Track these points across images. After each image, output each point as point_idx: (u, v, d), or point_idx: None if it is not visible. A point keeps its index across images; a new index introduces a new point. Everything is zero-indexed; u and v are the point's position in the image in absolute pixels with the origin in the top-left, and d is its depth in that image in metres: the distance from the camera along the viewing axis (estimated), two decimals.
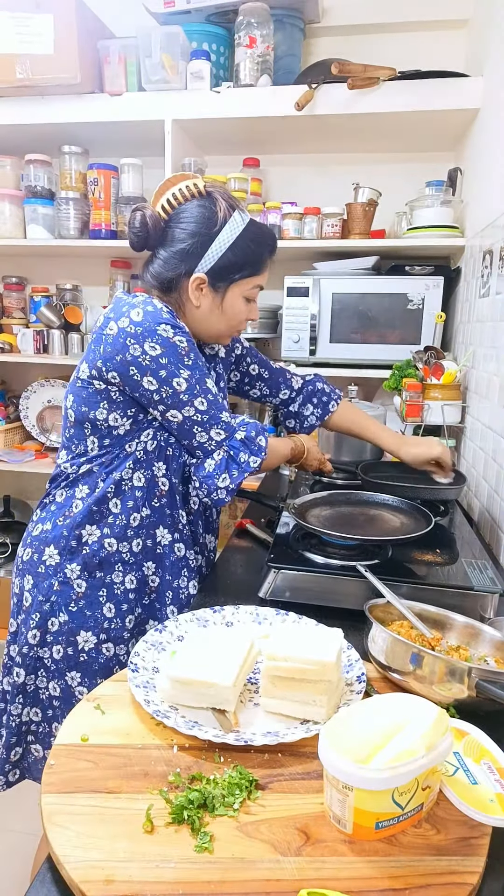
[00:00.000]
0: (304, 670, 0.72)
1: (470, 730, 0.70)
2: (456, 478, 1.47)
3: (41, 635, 1.13)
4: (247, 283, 1.14)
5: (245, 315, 1.17)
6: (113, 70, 2.02)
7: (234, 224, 1.10)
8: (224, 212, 1.09)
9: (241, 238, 1.10)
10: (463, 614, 0.87)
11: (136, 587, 1.16)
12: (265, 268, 1.16)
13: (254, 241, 1.11)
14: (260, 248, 1.13)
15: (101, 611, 1.13)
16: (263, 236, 1.14)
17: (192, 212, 1.09)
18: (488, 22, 1.79)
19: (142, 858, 0.55)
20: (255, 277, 1.14)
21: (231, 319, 1.15)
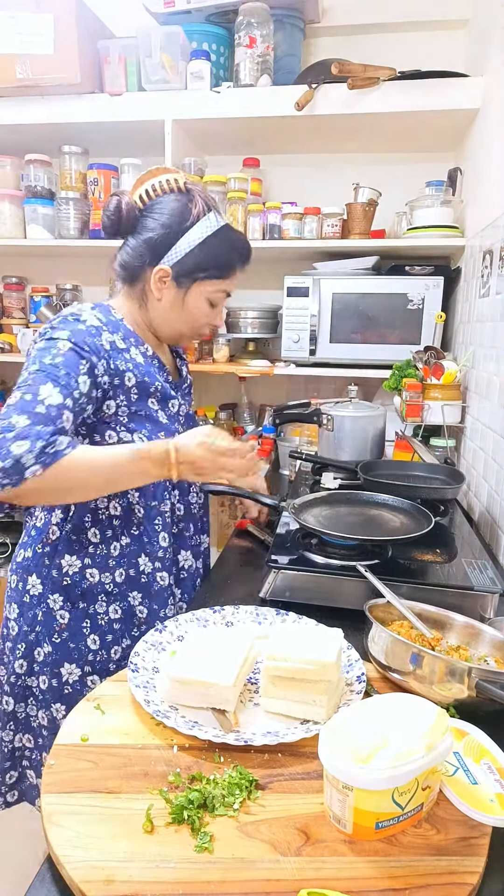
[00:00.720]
0: (304, 670, 0.72)
1: (470, 730, 0.70)
2: (455, 477, 1.47)
3: (28, 665, 1.12)
4: (212, 286, 1.12)
5: (207, 318, 1.15)
6: (113, 70, 2.02)
7: (207, 223, 1.09)
8: (199, 209, 1.08)
9: (213, 238, 1.09)
10: (463, 614, 0.87)
11: (121, 617, 1.13)
12: (233, 274, 1.14)
13: (225, 244, 1.11)
14: (230, 254, 1.12)
15: (85, 642, 1.11)
16: (236, 243, 1.13)
17: (167, 205, 1.09)
18: (488, 22, 1.79)
19: (142, 858, 0.55)
20: (221, 281, 1.13)
21: (192, 320, 1.14)
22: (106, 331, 1.05)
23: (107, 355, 1.03)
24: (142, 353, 1.12)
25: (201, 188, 1.13)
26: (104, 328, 1.06)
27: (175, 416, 1.18)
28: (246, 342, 2.34)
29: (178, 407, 1.19)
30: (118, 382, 1.05)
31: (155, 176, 1.10)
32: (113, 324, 1.09)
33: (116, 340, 1.07)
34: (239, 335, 2.27)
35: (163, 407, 1.14)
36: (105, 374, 1.02)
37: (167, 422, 1.14)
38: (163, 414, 1.14)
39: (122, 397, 1.06)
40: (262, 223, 2.08)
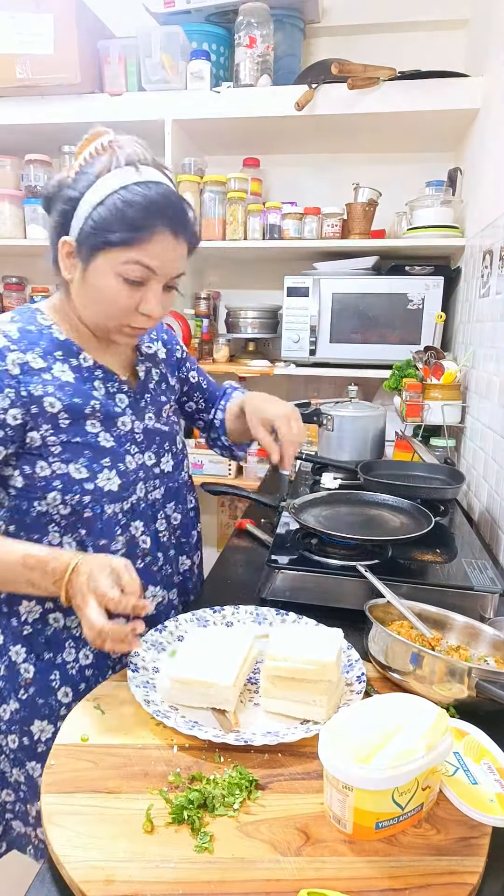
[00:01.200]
0: (304, 670, 0.72)
1: (470, 730, 0.70)
2: (454, 476, 1.47)
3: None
4: (118, 255, 0.85)
5: (124, 301, 0.88)
6: (113, 70, 2.02)
7: (112, 177, 0.85)
8: (104, 164, 0.86)
9: (114, 197, 0.84)
10: (463, 614, 0.87)
11: (92, 662, 0.99)
12: (148, 240, 0.85)
13: (132, 202, 0.84)
14: (141, 213, 0.84)
15: (56, 697, 0.98)
16: (150, 199, 0.84)
17: (83, 171, 0.89)
18: (488, 22, 1.79)
19: (142, 858, 0.55)
20: (131, 249, 0.85)
21: (104, 303, 0.89)
22: (15, 350, 0.89)
23: (14, 383, 0.87)
24: (73, 368, 0.94)
25: (135, 142, 0.90)
26: (12, 348, 0.89)
27: (127, 435, 0.98)
28: (246, 342, 2.35)
29: (132, 424, 0.99)
30: (36, 411, 0.89)
31: (90, 143, 0.90)
32: (32, 337, 0.92)
33: (31, 360, 0.90)
34: (239, 335, 2.27)
35: (107, 427, 0.96)
36: (13, 406, 0.87)
37: (113, 445, 0.96)
38: (107, 436, 0.95)
39: (46, 427, 0.90)
40: (262, 223, 2.08)
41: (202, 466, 2.28)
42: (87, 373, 0.95)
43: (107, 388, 0.98)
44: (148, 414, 1.04)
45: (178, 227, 0.87)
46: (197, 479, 1.29)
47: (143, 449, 1.01)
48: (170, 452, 1.07)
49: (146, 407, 1.04)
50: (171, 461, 1.07)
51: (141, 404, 1.03)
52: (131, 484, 0.98)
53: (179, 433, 1.13)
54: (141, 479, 1.00)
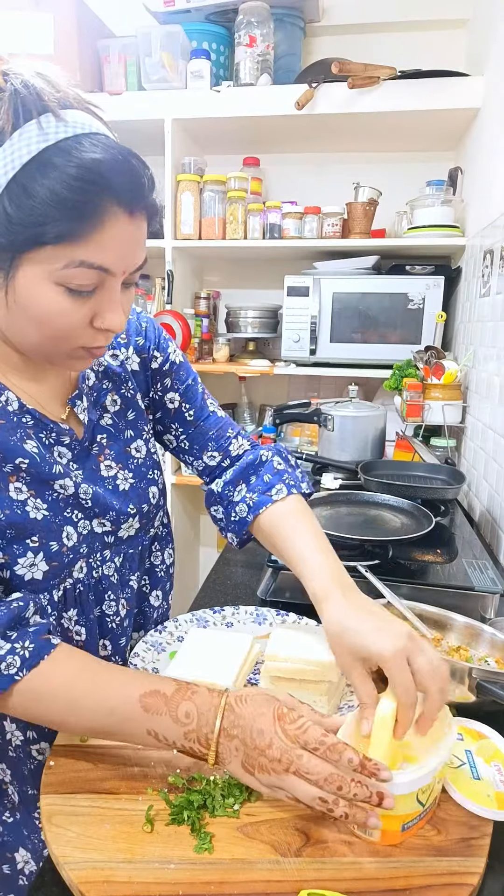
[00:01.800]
0: (305, 671, 0.72)
1: (489, 734, 0.70)
2: (455, 477, 1.47)
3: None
4: (53, 256, 0.57)
5: (76, 318, 0.61)
6: (113, 69, 2.02)
7: (19, 142, 0.55)
8: (3, 119, 0.55)
9: (35, 168, 0.55)
10: (463, 615, 0.87)
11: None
12: (97, 228, 0.57)
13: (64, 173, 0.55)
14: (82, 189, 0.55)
15: (39, 834, 0.79)
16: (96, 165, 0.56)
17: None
18: (488, 22, 1.79)
19: (142, 859, 0.54)
20: (72, 246, 0.57)
21: (42, 325, 0.61)
22: None
23: None
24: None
25: (39, 73, 0.60)
26: None
27: (69, 500, 0.72)
28: (246, 342, 2.34)
29: (76, 488, 0.72)
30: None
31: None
32: None
33: None
34: (239, 335, 2.27)
35: (39, 492, 0.69)
36: None
37: (47, 515, 0.70)
38: (37, 503, 0.69)
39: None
40: (262, 223, 2.08)
41: None
42: (14, 418, 0.68)
43: (40, 439, 0.70)
44: (106, 463, 0.77)
45: (133, 199, 0.59)
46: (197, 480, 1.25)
47: (93, 515, 0.75)
48: (137, 515, 0.79)
49: (101, 454, 0.77)
50: (135, 524, 0.80)
51: (93, 452, 0.76)
52: (67, 566, 0.72)
53: (158, 478, 0.85)
54: (82, 556, 0.75)
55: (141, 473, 0.81)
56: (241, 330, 2.25)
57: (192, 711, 0.59)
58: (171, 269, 2.10)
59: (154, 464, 0.84)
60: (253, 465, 0.87)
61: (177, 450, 0.90)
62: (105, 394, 0.79)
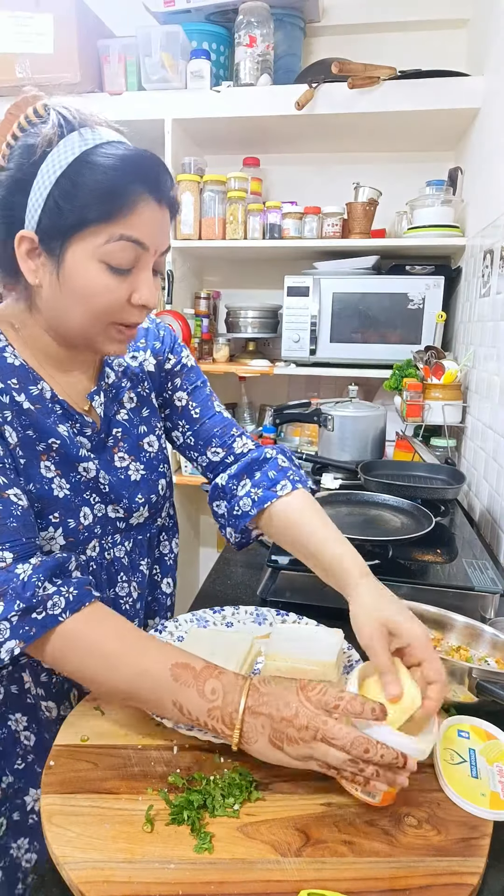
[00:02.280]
0: (305, 670, 0.72)
1: (499, 735, 0.69)
2: (454, 477, 1.47)
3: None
4: (97, 235, 0.68)
5: (115, 294, 0.70)
6: (113, 69, 2.02)
7: (65, 146, 0.68)
8: (53, 132, 0.68)
9: (78, 166, 0.67)
10: (463, 615, 0.87)
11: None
12: (132, 208, 0.68)
13: (103, 167, 0.67)
14: (118, 178, 0.67)
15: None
16: (128, 160, 0.68)
17: (19, 144, 0.70)
18: (488, 22, 1.79)
19: (142, 859, 0.55)
20: (113, 224, 0.68)
21: (86, 300, 0.70)
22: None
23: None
24: (33, 399, 0.76)
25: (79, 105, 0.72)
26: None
27: (89, 483, 0.80)
28: (246, 342, 2.34)
29: (97, 472, 0.81)
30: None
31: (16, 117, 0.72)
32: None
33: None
34: (239, 335, 2.27)
35: (65, 472, 0.77)
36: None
37: (68, 494, 0.77)
38: (62, 483, 0.77)
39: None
40: (262, 222, 2.08)
41: None
42: (48, 405, 0.77)
43: (67, 426, 0.79)
44: (119, 455, 0.84)
45: (160, 191, 0.70)
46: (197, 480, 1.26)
47: (108, 501, 0.83)
48: (146, 504, 0.87)
49: (116, 446, 0.84)
50: (145, 513, 0.87)
51: (108, 444, 0.84)
52: (81, 544, 0.80)
53: (166, 472, 0.91)
54: (96, 536, 0.82)
55: (152, 466, 0.87)
56: (241, 330, 2.25)
57: (218, 689, 0.62)
58: (171, 269, 2.10)
59: (164, 458, 0.91)
60: (257, 461, 0.91)
61: (183, 446, 0.96)
62: (123, 391, 0.87)
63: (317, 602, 1.02)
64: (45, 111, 0.70)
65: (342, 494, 1.31)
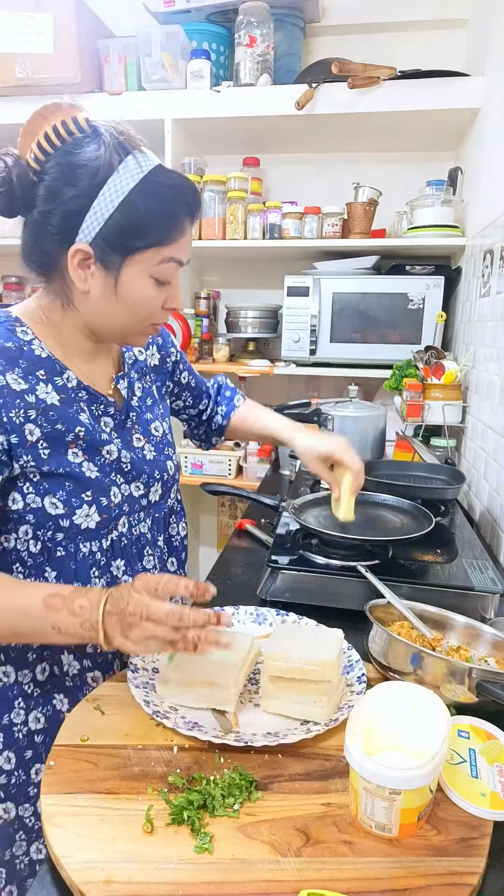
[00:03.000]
0: (305, 670, 0.72)
1: (499, 735, 0.70)
2: (454, 477, 1.47)
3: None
4: (152, 257, 0.79)
5: (157, 302, 0.83)
6: (113, 69, 2.02)
7: (126, 172, 0.76)
8: (111, 153, 0.76)
9: (139, 192, 0.76)
10: (463, 615, 0.87)
11: (44, 727, 0.89)
12: (180, 234, 0.80)
13: (158, 195, 0.77)
14: (170, 207, 0.78)
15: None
16: (175, 189, 0.79)
17: (69, 157, 0.76)
18: (488, 22, 1.79)
19: (142, 859, 0.55)
20: (165, 248, 0.79)
21: (136, 309, 0.82)
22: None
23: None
24: (58, 388, 0.84)
25: (116, 124, 0.80)
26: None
27: (113, 465, 0.89)
28: (246, 342, 2.35)
29: (119, 452, 0.89)
30: (17, 440, 0.79)
31: (47, 120, 0.78)
32: (10, 354, 0.80)
33: (11, 381, 0.79)
34: (239, 335, 2.27)
35: (91, 456, 0.86)
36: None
37: (99, 475, 0.86)
38: (90, 466, 0.85)
39: (27, 456, 0.80)
40: (262, 223, 2.08)
41: (202, 466, 2.28)
42: (72, 394, 0.85)
43: (91, 410, 0.88)
44: (136, 436, 0.95)
45: (195, 211, 0.82)
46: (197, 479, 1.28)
47: (130, 479, 0.91)
48: (160, 481, 0.96)
49: (133, 428, 0.95)
50: (159, 490, 0.97)
51: (127, 425, 0.94)
52: (114, 520, 0.88)
53: (172, 455, 1.02)
54: (125, 514, 0.90)
55: (160, 449, 0.98)
56: (241, 330, 2.25)
57: (85, 605, 0.71)
58: None
59: (169, 444, 1.02)
60: (219, 389, 1.25)
61: (182, 408, 1.19)
62: (134, 381, 0.98)
63: (317, 602, 1.02)
64: (89, 126, 0.78)
65: None
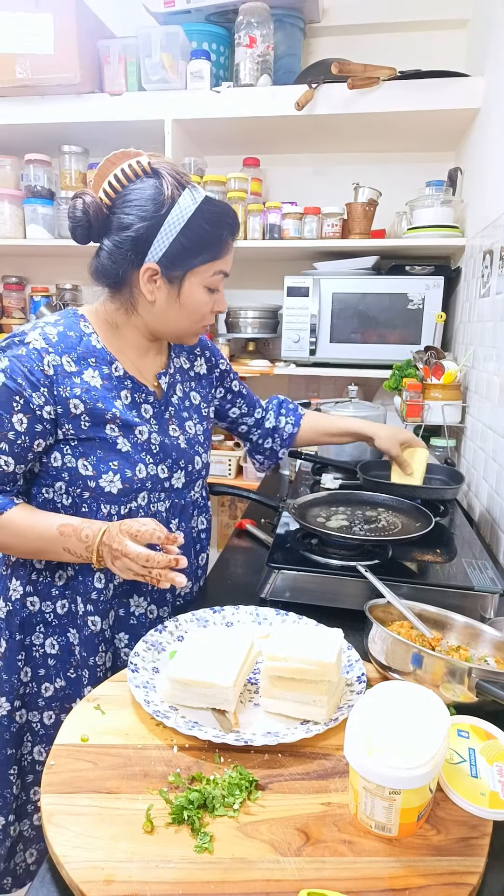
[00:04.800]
0: (305, 670, 0.72)
1: (498, 734, 0.69)
2: (454, 477, 1.47)
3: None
4: (206, 270, 1.00)
5: (209, 307, 1.04)
6: (113, 70, 2.02)
7: (184, 203, 0.96)
8: (172, 189, 0.96)
9: (195, 219, 0.97)
10: (463, 614, 0.87)
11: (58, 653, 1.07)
12: (226, 251, 1.02)
13: (209, 221, 0.98)
14: (218, 229, 0.99)
15: (18, 676, 1.06)
16: (221, 215, 1.00)
17: (136, 193, 0.97)
18: (488, 22, 1.79)
19: (142, 858, 0.55)
20: (216, 262, 1.01)
21: (193, 313, 1.03)
22: (52, 353, 0.96)
23: (47, 382, 0.95)
24: (103, 375, 1.01)
25: (169, 164, 1.00)
26: (49, 350, 0.96)
27: (143, 444, 1.04)
28: (246, 342, 2.34)
29: (149, 435, 1.05)
30: (62, 411, 0.97)
31: (115, 164, 0.99)
32: (70, 341, 0.99)
33: (65, 362, 0.97)
34: (239, 335, 2.27)
35: (126, 434, 1.02)
36: (47, 403, 0.96)
37: (129, 450, 1.01)
38: (124, 441, 1.01)
39: (69, 425, 0.98)
40: (262, 223, 2.08)
41: None
42: (116, 381, 1.02)
43: (134, 397, 1.04)
44: (172, 426, 1.09)
45: (236, 232, 1.03)
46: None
47: (158, 461, 1.05)
48: (184, 470, 1.09)
49: (170, 419, 1.09)
50: (182, 478, 1.09)
51: (165, 416, 1.08)
52: (134, 491, 1.02)
53: (202, 453, 1.13)
54: (147, 489, 1.03)
55: (191, 443, 1.12)
56: (241, 330, 2.25)
57: (90, 534, 0.93)
58: None
59: (201, 443, 1.15)
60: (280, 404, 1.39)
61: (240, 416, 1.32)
62: (176, 383, 1.14)
63: (317, 602, 1.02)
64: (151, 169, 0.97)
65: (342, 494, 1.31)
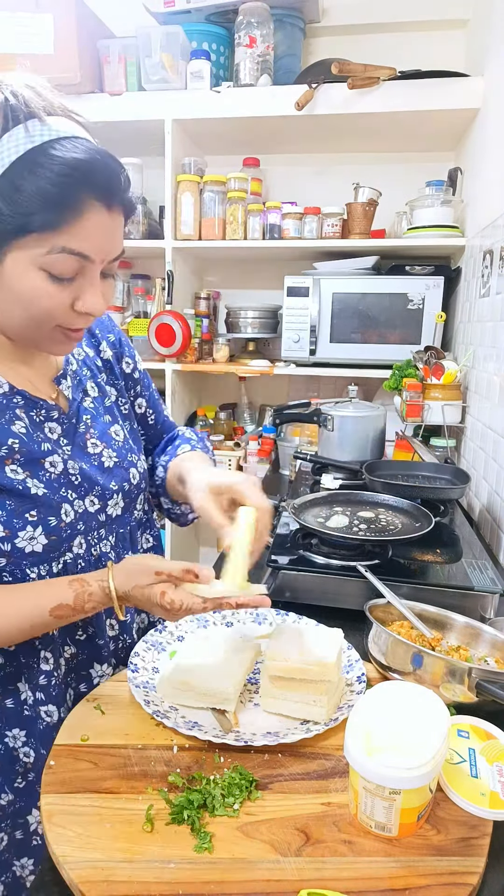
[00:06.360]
0: (305, 670, 0.72)
1: (498, 735, 0.70)
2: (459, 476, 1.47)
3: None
4: (38, 244, 0.65)
5: (56, 301, 0.69)
6: (113, 70, 2.02)
7: (7, 145, 0.64)
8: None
9: (21, 167, 0.63)
10: (463, 614, 0.87)
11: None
12: (77, 219, 0.65)
13: (49, 171, 0.63)
14: (63, 186, 0.64)
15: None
16: (74, 165, 0.64)
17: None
18: (488, 22, 1.79)
19: (142, 859, 0.55)
20: (54, 235, 0.65)
21: (28, 307, 0.69)
22: None
23: None
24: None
25: (31, 84, 0.69)
26: None
27: (61, 478, 0.78)
28: (246, 342, 2.35)
29: (64, 464, 0.79)
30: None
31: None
32: None
33: None
34: (239, 335, 2.27)
35: (34, 471, 0.76)
36: None
37: (45, 492, 0.76)
38: (35, 482, 0.76)
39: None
40: (262, 223, 2.08)
41: None
42: (2, 401, 0.75)
43: (31, 417, 0.78)
44: (91, 441, 0.84)
45: (112, 197, 0.67)
46: None
47: (83, 493, 0.81)
48: (120, 492, 0.85)
49: (87, 433, 0.84)
50: (120, 503, 0.86)
51: (80, 430, 0.83)
52: (66, 541, 0.79)
53: (137, 462, 0.91)
54: (80, 532, 0.80)
55: (122, 454, 0.88)
56: (241, 330, 2.26)
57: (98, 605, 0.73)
58: (171, 269, 2.10)
59: (132, 448, 0.91)
60: (170, 440, 1.03)
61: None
62: (85, 380, 0.88)
63: (317, 602, 1.02)
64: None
65: (342, 494, 1.31)
